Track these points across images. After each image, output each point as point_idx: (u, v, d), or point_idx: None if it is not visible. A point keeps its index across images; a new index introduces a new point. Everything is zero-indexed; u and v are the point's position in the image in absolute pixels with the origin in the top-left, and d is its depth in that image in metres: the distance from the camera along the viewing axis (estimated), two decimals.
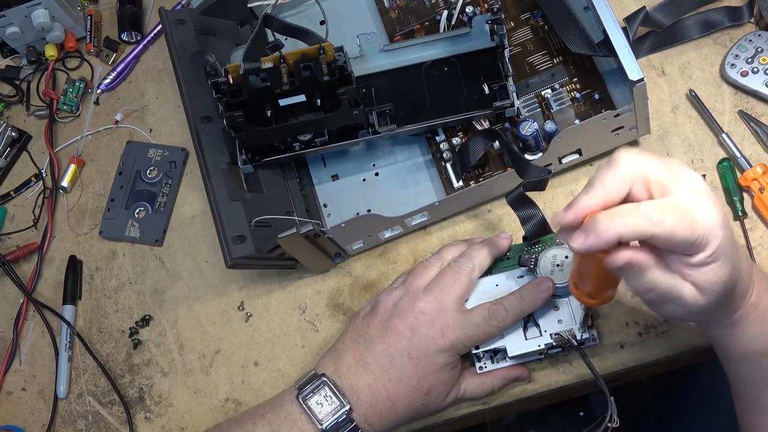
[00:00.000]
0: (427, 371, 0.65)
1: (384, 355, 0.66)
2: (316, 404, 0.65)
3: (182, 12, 0.81)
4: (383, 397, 0.66)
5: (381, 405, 0.66)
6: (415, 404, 0.66)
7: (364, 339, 0.68)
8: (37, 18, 0.85)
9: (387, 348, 0.66)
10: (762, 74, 0.74)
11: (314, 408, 0.65)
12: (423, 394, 0.66)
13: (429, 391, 0.66)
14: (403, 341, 0.66)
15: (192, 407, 0.78)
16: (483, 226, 0.76)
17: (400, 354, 0.66)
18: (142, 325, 0.81)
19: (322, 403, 0.65)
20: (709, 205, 0.49)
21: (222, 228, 0.71)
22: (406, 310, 0.66)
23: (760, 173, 0.72)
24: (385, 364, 0.66)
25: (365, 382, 0.66)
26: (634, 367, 0.71)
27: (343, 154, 0.79)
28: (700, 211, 0.48)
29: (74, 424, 0.79)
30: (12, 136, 0.89)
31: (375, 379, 0.66)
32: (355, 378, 0.66)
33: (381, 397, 0.66)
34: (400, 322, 0.66)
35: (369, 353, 0.67)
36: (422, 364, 0.65)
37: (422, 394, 0.66)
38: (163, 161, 0.85)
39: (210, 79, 0.71)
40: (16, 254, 0.84)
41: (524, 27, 0.78)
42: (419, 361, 0.65)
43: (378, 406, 0.66)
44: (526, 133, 0.72)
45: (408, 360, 0.65)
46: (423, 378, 0.65)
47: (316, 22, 0.81)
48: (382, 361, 0.66)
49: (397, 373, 0.65)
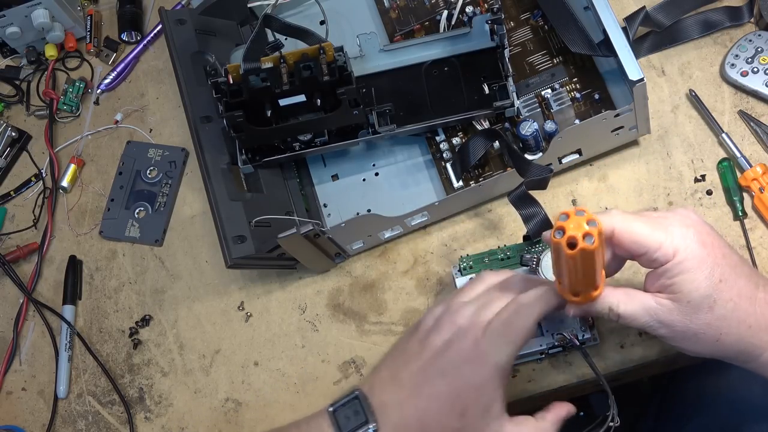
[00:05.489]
0: (461, 390, 0.59)
1: (419, 372, 0.61)
2: (344, 418, 0.61)
3: (182, 12, 0.81)
4: (413, 416, 0.60)
5: (411, 423, 0.60)
6: (449, 428, 0.60)
7: (402, 355, 0.63)
8: (37, 18, 0.85)
9: (423, 364, 0.61)
10: (762, 74, 0.74)
11: (341, 422, 0.61)
12: (457, 415, 0.59)
13: (464, 413, 0.59)
14: (438, 357, 0.61)
15: (192, 407, 0.78)
16: (483, 225, 0.76)
17: (434, 371, 0.60)
18: (142, 325, 0.81)
19: (350, 417, 0.61)
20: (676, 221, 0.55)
21: (222, 228, 0.71)
22: (445, 325, 0.62)
23: (760, 173, 0.72)
24: (419, 381, 0.61)
25: (396, 399, 0.61)
26: (634, 367, 0.71)
27: (343, 154, 0.79)
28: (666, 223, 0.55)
29: (74, 424, 0.79)
30: (12, 136, 0.89)
31: (407, 396, 0.61)
32: (387, 394, 0.61)
33: (410, 416, 0.60)
34: (437, 337, 0.62)
35: (405, 369, 0.62)
36: (456, 383, 0.60)
37: (456, 416, 0.59)
38: (163, 161, 0.85)
39: (210, 79, 0.71)
40: (16, 254, 0.84)
41: (524, 27, 0.78)
42: (454, 379, 0.60)
43: (407, 424, 0.60)
44: (526, 133, 0.72)
45: (442, 377, 0.60)
46: (457, 398, 0.59)
47: (316, 22, 0.81)
48: (416, 378, 0.61)
49: (430, 391, 0.60)
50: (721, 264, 0.55)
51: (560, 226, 0.49)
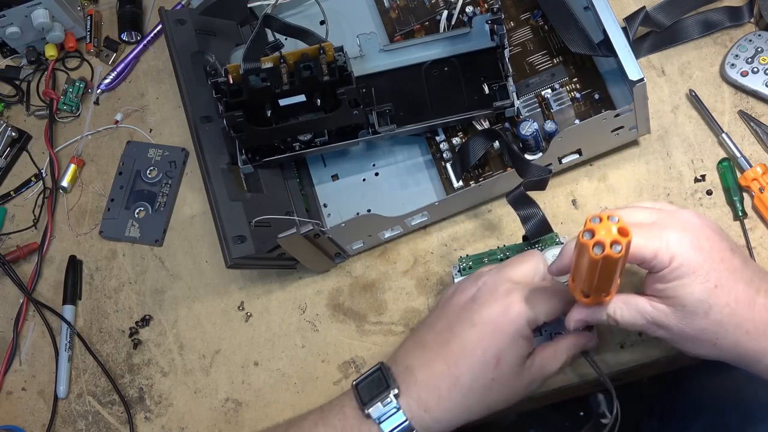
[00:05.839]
0: (494, 338, 0.58)
1: (444, 330, 0.59)
2: (366, 389, 0.60)
3: (182, 12, 0.81)
4: (442, 373, 0.58)
5: (440, 382, 0.58)
6: (483, 379, 0.58)
7: (424, 325, 0.63)
8: (37, 18, 0.85)
9: (447, 323, 0.60)
10: (762, 74, 0.74)
11: (363, 393, 0.60)
12: (492, 366, 0.58)
13: (498, 361, 0.58)
14: (464, 312, 0.59)
15: (192, 407, 0.78)
16: (483, 226, 0.76)
17: (462, 324, 0.59)
18: (142, 325, 0.81)
19: (371, 388, 0.60)
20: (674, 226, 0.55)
21: (222, 228, 0.71)
22: (468, 286, 0.61)
23: (760, 173, 0.72)
24: (446, 338, 0.59)
25: (422, 360, 0.59)
26: (634, 367, 0.71)
27: (343, 154, 0.79)
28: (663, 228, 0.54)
29: (74, 424, 0.79)
30: (12, 136, 0.89)
31: (434, 354, 0.59)
32: (412, 359, 0.60)
33: (440, 373, 0.58)
34: (462, 295, 0.61)
35: (429, 333, 0.61)
36: (488, 329, 0.58)
37: (491, 367, 0.58)
38: (163, 161, 0.85)
39: (210, 79, 0.71)
40: (16, 254, 0.84)
41: (524, 27, 0.78)
42: (484, 326, 0.58)
43: (436, 383, 0.58)
44: (526, 133, 0.72)
45: (471, 327, 0.58)
46: (489, 345, 0.58)
47: (316, 22, 0.81)
48: (442, 336, 0.59)
49: (460, 344, 0.58)
50: (718, 269, 0.55)
51: (590, 228, 0.48)
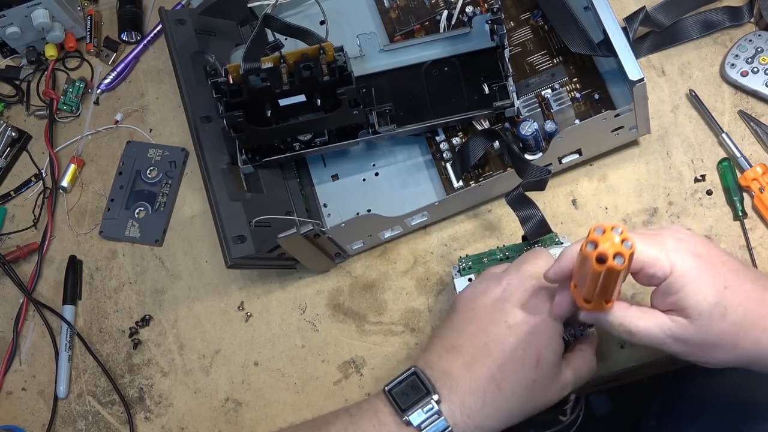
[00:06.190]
0: (532, 337, 0.57)
1: (478, 332, 0.58)
2: (402, 394, 0.57)
3: (182, 12, 0.81)
4: (484, 377, 0.56)
5: (483, 386, 0.57)
6: (525, 380, 0.57)
7: (450, 329, 0.60)
8: (37, 18, 0.85)
9: (479, 325, 0.58)
10: (762, 74, 0.74)
11: (399, 398, 0.57)
12: (532, 365, 0.57)
13: (538, 360, 0.57)
14: (496, 313, 0.58)
15: (192, 407, 0.78)
16: (483, 226, 0.76)
17: (497, 326, 0.57)
18: (142, 325, 0.81)
19: (408, 393, 0.57)
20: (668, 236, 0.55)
21: (222, 228, 0.71)
22: (491, 287, 0.60)
23: (760, 173, 0.72)
24: (481, 340, 0.57)
25: (461, 363, 0.57)
26: (633, 367, 0.71)
27: (343, 154, 0.79)
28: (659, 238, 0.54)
29: (74, 424, 0.79)
30: (12, 136, 0.89)
31: (473, 358, 0.57)
32: (448, 363, 0.58)
33: (482, 377, 0.56)
34: (486, 297, 0.59)
35: (459, 337, 0.58)
36: (524, 329, 0.57)
37: (531, 366, 0.57)
38: (163, 161, 0.85)
39: (210, 79, 0.71)
40: (16, 254, 0.84)
41: (524, 27, 0.78)
42: (520, 326, 0.57)
43: (479, 389, 0.57)
44: (526, 133, 0.72)
45: (507, 329, 0.57)
46: (528, 345, 0.57)
47: (316, 22, 0.81)
48: (476, 339, 0.57)
49: (498, 345, 0.57)
50: (722, 271, 0.54)
51: (594, 240, 0.48)
